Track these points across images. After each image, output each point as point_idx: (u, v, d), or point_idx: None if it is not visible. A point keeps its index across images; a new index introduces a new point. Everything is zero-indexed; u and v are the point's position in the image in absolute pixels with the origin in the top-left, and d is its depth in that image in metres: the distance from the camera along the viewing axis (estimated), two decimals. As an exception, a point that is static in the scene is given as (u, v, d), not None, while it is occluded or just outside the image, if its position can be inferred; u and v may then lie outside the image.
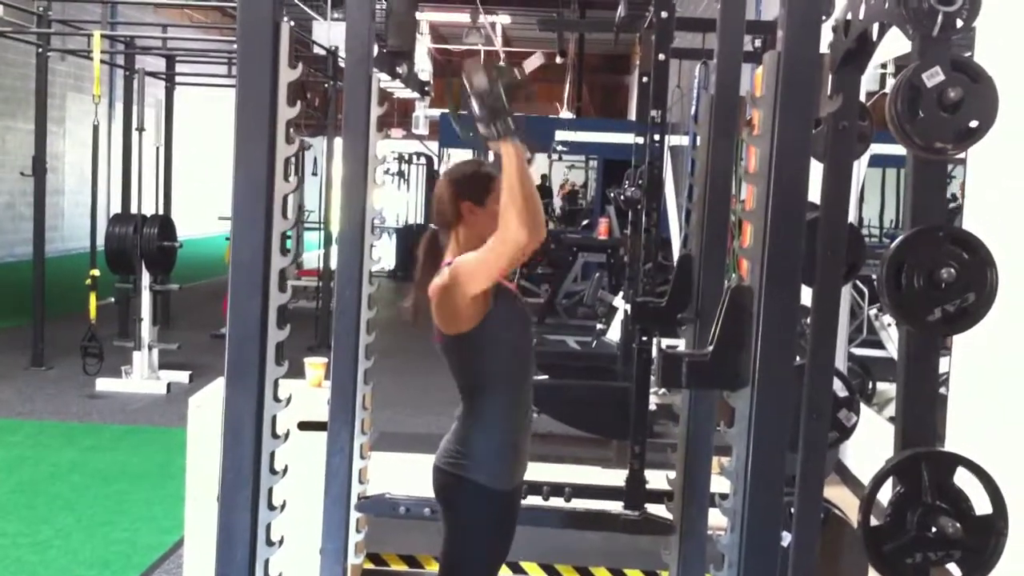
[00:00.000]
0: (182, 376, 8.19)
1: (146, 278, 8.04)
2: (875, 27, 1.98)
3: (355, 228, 2.99)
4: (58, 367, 8.48)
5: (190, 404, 3.85)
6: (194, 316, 11.20)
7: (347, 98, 2.97)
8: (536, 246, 2.43)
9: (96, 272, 8.03)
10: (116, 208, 9.16)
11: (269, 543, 2.10)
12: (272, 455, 2.10)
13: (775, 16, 1.97)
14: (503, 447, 2.70)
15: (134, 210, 8.36)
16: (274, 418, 2.09)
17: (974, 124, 1.71)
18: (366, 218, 3.01)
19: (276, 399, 2.10)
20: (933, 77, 1.68)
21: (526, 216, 2.37)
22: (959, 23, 1.72)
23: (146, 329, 8.00)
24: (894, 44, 2.13)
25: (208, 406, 3.79)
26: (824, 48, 2.00)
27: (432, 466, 2.76)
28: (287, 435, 2.14)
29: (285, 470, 2.15)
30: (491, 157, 2.54)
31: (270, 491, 2.10)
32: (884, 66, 5.93)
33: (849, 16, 2.04)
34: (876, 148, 2.79)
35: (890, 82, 5.85)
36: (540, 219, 2.41)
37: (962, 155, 1.99)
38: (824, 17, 1.95)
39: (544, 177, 21.06)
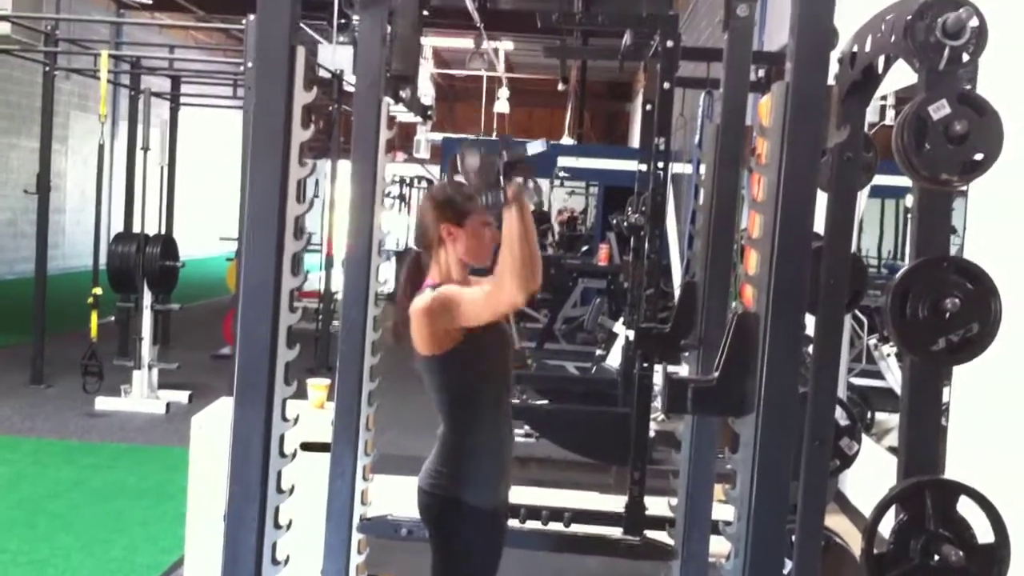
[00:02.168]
0: (181, 396, 8.19)
1: (147, 297, 8.04)
2: (881, 59, 2.01)
3: (362, 250, 3.02)
4: (58, 385, 8.48)
5: (192, 423, 3.86)
6: (194, 336, 11.20)
7: (357, 121, 3.00)
8: (533, 291, 2.50)
9: (99, 291, 8.04)
10: (118, 227, 9.18)
11: (275, 562, 2.11)
12: (279, 474, 2.11)
13: (778, 47, 2.00)
14: (484, 465, 2.70)
15: (137, 229, 8.38)
16: (282, 437, 2.11)
17: (979, 156, 1.73)
18: (373, 240, 3.04)
19: (284, 418, 2.12)
20: (940, 110, 1.71)
21: (522, 277, 2.44)
22: (965, 57, 1.75)
23: (146, 348, 8.00)
24: (894, 77, 2.15)
25: (210, 426, 3.80)
26: (830, 80, 2.03)
27: (416, 488, 2.76)
28: (295, 454, 2.15)
29: (292, 489, 2.16)
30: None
31: (276, 510, 2.12)
32: (884, 98, 5.96)
33: (855, 48, 2.07)
34: (875, 179, 2.81)
35: (890, 114, 5.89)
36: (537, 272, 2.48)
37: (964, 187, 2.02)
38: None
39: (538, 203, 21.07)
